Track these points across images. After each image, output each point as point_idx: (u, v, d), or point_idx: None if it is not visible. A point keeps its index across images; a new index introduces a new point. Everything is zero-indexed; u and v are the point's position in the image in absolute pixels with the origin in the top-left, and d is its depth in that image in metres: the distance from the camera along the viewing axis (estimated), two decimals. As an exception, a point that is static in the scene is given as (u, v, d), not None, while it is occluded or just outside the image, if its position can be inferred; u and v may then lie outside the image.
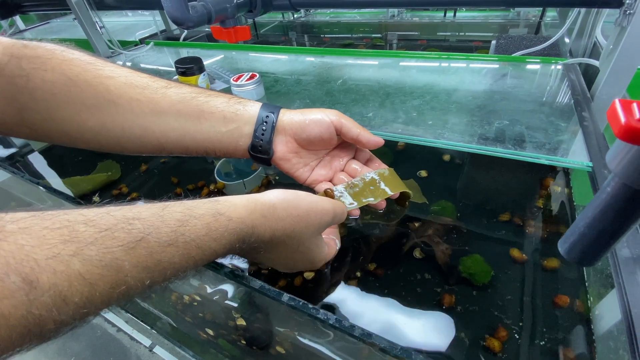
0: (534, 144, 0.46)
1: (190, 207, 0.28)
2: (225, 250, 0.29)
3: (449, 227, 0.57)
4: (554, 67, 0.68)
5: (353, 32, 1.45)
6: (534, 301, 0.45)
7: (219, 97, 0.42)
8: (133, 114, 0.39)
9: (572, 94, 0.57)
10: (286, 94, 0.69)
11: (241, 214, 0.30)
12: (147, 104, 0.39)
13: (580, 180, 0.55)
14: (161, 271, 0.25)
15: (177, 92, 0.40)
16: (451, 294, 0.47)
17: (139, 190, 0.68)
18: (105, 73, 0.38)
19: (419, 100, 0.60)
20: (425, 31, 1.35)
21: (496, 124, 0.50)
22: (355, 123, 0.42)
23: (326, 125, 0.41)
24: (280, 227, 0.32)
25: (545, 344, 0.41)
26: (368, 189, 0.43)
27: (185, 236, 0.26)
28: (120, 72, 0.39)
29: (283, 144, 0.42)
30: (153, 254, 0.24)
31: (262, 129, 0.41)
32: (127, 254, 0.23)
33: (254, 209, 0.31)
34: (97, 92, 0.37)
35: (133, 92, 0.39)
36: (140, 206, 0.26)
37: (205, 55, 0.96)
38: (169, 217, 0.26)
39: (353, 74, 0.74)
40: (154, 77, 0.41)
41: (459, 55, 0.74)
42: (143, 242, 0.23)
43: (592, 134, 0.46)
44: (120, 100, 0.38)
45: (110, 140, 0.40)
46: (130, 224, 0.24)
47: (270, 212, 0.32)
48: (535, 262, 0.50)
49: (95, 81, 0.37)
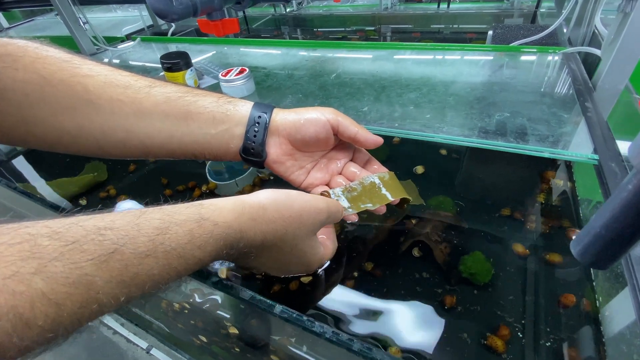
0: (537, 136, 0.44)
1: (171, 213, 0.25)
2: (212, 258, 0.27)
3: (447, 224, 0.56)
4: (553, 56, 0.66)
5: (346, 25, 1.44)
6: (538, 300, 0.44)
7: (207, 96, 0.39)
8: (114, 115, 0.36)
9: (574, 83, 0.55)
10: (278, 88, 0.66)
11: (227, 218, 0.28)
12: (129, 104, 0.36)
13: (583, 173, 0.53)
14: (139, 285, 0.22)
15: (161, 91, 0.38)
16: (452, 295, 0.46)
17: (128, 192, 0.66)
18: (83, 71, 0.35)
19: (416, 93, 0.58)
20: (418, 23, 1.34)
21: (497, 116, 0.48)
22: (352, 121, 0.40)
23: (322, 124, 0.39)
24: (272, 230, 0.30)
25: (552, 345, 0.40)
26: (367, 194, 0.41)
27: (165, 245, 0.24)
28: (99, 70, 0.36)
29: (277, 146, 0.40)
30: (128, 267, 0.22)
31: (254, 130, 0.39)
32: (99, 269, 0.20)
33: (242, 211, 0.29)
34: (75, 92, 0.35)
35: (114, 91, 0.36)
36: (113, 214, 0.23)
37: (194, 50, 0.93)
38: (146, 225, 0.24)
39: (347, 68, 0.72)
40: (136, 75, 0.38)
41: (456, 46, 0.71)
42: (117, 254, 0.21)
43: (596, 125, 0.45)
44: (99, 100, 0.35)
45: (90, 144, 0.37)
46: (102, 234, 0.21)
47: (260, 214, 0.30)
48: (539, 257, 0.49)
49: (72, 80, 0.34)
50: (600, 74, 0.53)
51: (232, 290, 0.28)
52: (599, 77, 0.53)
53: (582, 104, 0.49)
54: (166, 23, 1.24)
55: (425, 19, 1.33)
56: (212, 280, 0.29)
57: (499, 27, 0.85)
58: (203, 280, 0.30)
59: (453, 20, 1.30)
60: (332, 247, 0.41)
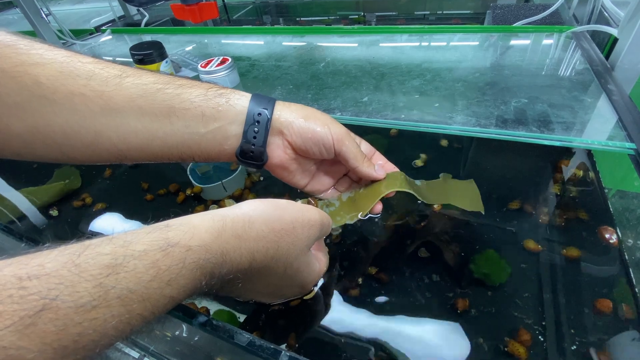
0: (562, 124, 0.39)
1: (125, 243, 0.20)
2: (187, 293, 0.22)
3: (456, 221, 0.51)
4: (562, 36, 0.61)
5: (330, 13, 1.38)
6: (557, 299, 0.40)
7: (193, 87, 0.32)
8: (77, 114, 0.29)
9: (590, 64, 0.50)
10: (265, 79, 0.60)
11: (204, 239, 0.22)
12: (95, 99, 0.29)
13: (608, 161, 0.49)
14: (88, 347, 0.17)
15: (136, 82, 0.31)
16: (464, 298, 0.42)
17: (105, 199, 0.59)
18: (31, 59, 0.28)
19: (419, 79, 0.52)
20: (403, 9, 1.31)
21: (513, 103, 0.43)
22: (356, 152, 0.35)
23: (328, 147, 0.34)
24: (262, 248, 0.26)
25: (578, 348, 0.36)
26: (349, 205, 0.38)
27: (119, 288, 0.18)
28: (52, 56, 0.29)
29: (279, 149, 0.34)
30: (68, 327, 0.16)
31: (253, 130, 0.33)
32: (22, 337, 0.14)
33: (222, 228, 0.24)
34: (22, 85, 0.28)
35: (74, 83, 0.29)
36: (44, 254, 0.17)
37: (170, 41, 0.85)
38: (91, 265, 0.18)
39: (340, 55, 0.66)
40: (101, 62, 0.31)
41: (457, 28, 0.66)
42: (48, 311, 0.15)
43: (625, 110, 0.40)
44: (56, 95, 0.28)
45: (49, 149, 0.30)
46: (24, 287, 0.15)
47: (245, 230, 0.25)
48: (556, 253, 0.45)
49: (17, 71, 0.27)
50: (619, 53, 0.48)
51: (225, 334, 0.22)
52: (618, 56, 0.48)
53: (604, 87, 0.45)
54: (139, 13, 1.15)
55: (411, 4, 1.29)
56: (199, 321, 0.24)
57: (498, 8, 0.80)
58: (188, 321, 0.24)
59: (439, 5, 1.25)
60: (325, 260, 0.36)
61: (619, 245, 0.43)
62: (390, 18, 1.28)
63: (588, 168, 0.51)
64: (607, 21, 0.61)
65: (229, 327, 0.23)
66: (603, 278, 0.41)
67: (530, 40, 0.61)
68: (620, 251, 0.43)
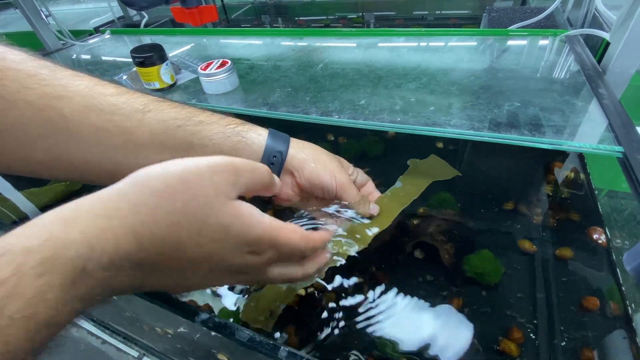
0: (553, 127, 0.40)
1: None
2: (47, 321, 0.17)
3: (450, 221, 0.53)
4: (556, 39, 0.62)
5: (329, 13, 1.39)
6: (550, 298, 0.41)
7: (212, 123, 0.33)
8: (100, 147, 0.30)
9: (582, 68, 0.51)
10: (264, 82, 0.61)
11: (54, 231, 0.18)
12: (117, 135, 0.30)
13: (599, 163, 0.51)
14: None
15: (157, 118, 0.31)
16: (459, 297, 0.43)
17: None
18: (55, 91, 0.28)
19: (415, 83, 0.53)
20: (402, 9, 1.32)
21: (506, 106, 0.45)
22: (355, 195, 0.38)
23: (331, 191, 0.37)
24: (150, 214, 0.21)
25: (567, 345, 0.37)
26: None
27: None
28: (75, 87, 0.29)
29: (288, 187, 0.37)
30: None
31: None
32: None
33: (77, 211, 0.20)
34: (46, 118, 0.28)
35: (97, 118, 0.29)
36: None
37: (170, 42, 0.86)
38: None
39: (338, 57, 0.67)
40: (123, 94, 0.31)
41: (453, 31, 0.67)
42: None
43: (614, 114, 0.41)
44: (80, 129, 0.29)
45: (69, 174, 0.32)
46: None
47: (115, 205, 0.21)
48: (549, 253, 0.46)
49: (41, 103, 0.28)
50: (611, 57, 0.49)
51: (226, 330, 0.23)
52: (610, 60, 0.50)
53: (595, 90, 0.46)
54: (138, 14, 1.16)
55: (410, 5, 1.30)
56: (202, 318, 0.24)
57: (494, 10, 0.81)
58: (191, 318, 0.25)
59: (438, 5, 1.26)
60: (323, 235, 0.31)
61: (607, 245, 0.45)
62: (388, 18, 1.30)
63: (579, 170, 0.52)
64: (601, 25, 0.62)
65: (229, 323, 0.24)
66: (592, 277, 0.42)
67: (524, 44, 0.62)
68: (608, 251, 0.44)
